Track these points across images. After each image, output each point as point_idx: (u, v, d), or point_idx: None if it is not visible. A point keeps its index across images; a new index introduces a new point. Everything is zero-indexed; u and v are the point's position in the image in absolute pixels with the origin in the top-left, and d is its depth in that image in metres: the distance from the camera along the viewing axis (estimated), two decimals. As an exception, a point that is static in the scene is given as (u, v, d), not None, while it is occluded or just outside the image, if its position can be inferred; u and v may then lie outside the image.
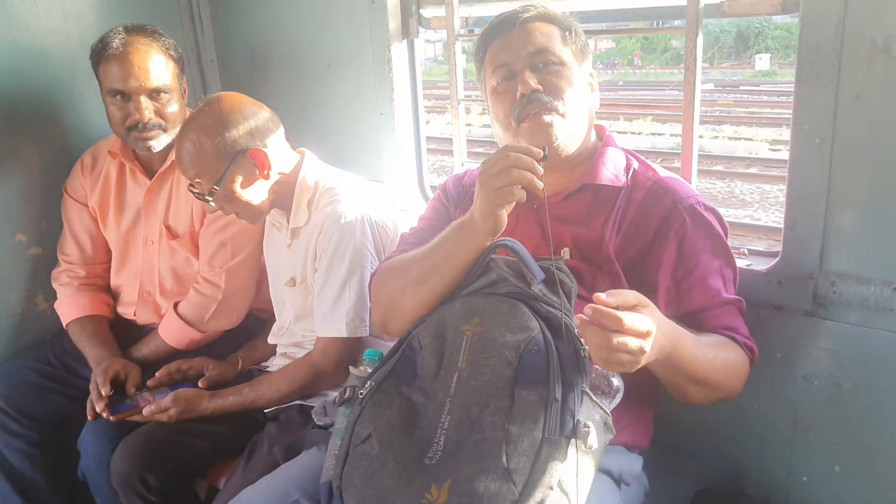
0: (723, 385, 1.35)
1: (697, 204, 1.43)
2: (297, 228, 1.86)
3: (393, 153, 2.24)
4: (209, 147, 1.71)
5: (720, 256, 1.42)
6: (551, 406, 1.12)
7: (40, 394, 2.10)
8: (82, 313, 2.17)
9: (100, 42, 1.96)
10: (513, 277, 1.31)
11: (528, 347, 1.18)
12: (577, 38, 1.49)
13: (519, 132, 1.44)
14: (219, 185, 1.73)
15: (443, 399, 1.20)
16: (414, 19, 2.14)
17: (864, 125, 1.41)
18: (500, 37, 1.49)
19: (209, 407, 1.85)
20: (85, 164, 2.19)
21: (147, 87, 1.94)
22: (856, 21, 1.37)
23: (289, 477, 1.45)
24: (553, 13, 1.49)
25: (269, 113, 1.81)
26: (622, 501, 1.41)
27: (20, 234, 2.22)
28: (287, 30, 2.40)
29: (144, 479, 1.79)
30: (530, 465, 1.08)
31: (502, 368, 1.17)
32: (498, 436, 1.11)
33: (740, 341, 1.39)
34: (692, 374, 1.28)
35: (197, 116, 1.75)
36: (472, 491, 1.07)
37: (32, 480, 2.13)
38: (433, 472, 1.13)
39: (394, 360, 1.31)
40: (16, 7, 2.11)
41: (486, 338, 1.22)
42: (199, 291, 2.06)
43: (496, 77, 1.49)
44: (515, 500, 1.06)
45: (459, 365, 1.22)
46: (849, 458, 1.59)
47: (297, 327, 1.97)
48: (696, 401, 1.36)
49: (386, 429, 1.21)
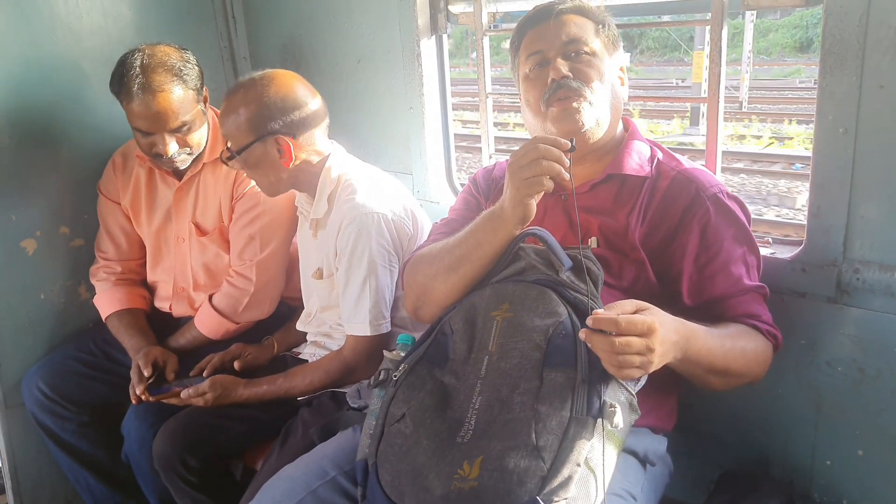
0: (744, 373, 1.38)
1: (721, 192, 1.46)
2: (317, 220, 1.89)
3: (422, 146, 2.28)
4: (244, 118, 1.76)
5: (743, 244, 1.45)
6: (579, 387, 1.16)
7: (83, 381, 2.18)
8: (120, 307, 2.23)
9: (119, 73, 1.93)
10: (541, 265, 1.35)
11: (557, 332, 1.22)
12: (609, 31, 1.54)
13: (548, 116, 1.49)
14: (240, 153, 1.78)
15: (473, 381, 1.25)
16: (442, 15, 2.18)
17: (888, 114, 1.42)
18: (536, 26, 1.54)
19: (244, 394, 1.90)
20: (116, 163, 2.24)
21: (169, 128, 1.95)
22: (880, 11, 1.38)
23: (326, 455, 1.50)
24: (587, 7, 1.54)
25: (317, 104, 1.84)
26: (647, 481, 1.44)
27: (64, 226, 2.30)
28: (318, 26, 2.45)
29: (185, 461, 1.85)
30: (558, 443, 1.12)
31: (531, 351, 1.22)
32: (527, 415, 1.16)
33: (762, 329, 1.41)
34: (711, 365, 1.32)
35: (248, 85, 1.79)
36: (502, 467, 1.12)
37: (94, 455, 2.23)
38: (465, 450, 1.18)
39: (426, 344, 1.36)
40: (59, 7, 2.18)
41: (516, 322, 1.26)
42: (233, 284, 2.11)
43: (529, 63, 1.53)
44: (544, 476, 1.10)
45: (490, 348, 1.26)
46: (872, 443, 1.60)
47: (323, 317, 2.01)
48: (720, 389, 1.40)
49: (419, 409, 1.26)
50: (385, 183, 1.93)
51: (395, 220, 1.81)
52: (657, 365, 1.17)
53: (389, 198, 1.86)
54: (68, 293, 2.34)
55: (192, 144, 2.02)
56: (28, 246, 2.22)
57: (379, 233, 1.78)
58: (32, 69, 2.15)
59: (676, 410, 1.57)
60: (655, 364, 1.16)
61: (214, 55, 2.62)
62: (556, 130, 1.48)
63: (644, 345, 1.13)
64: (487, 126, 2.21)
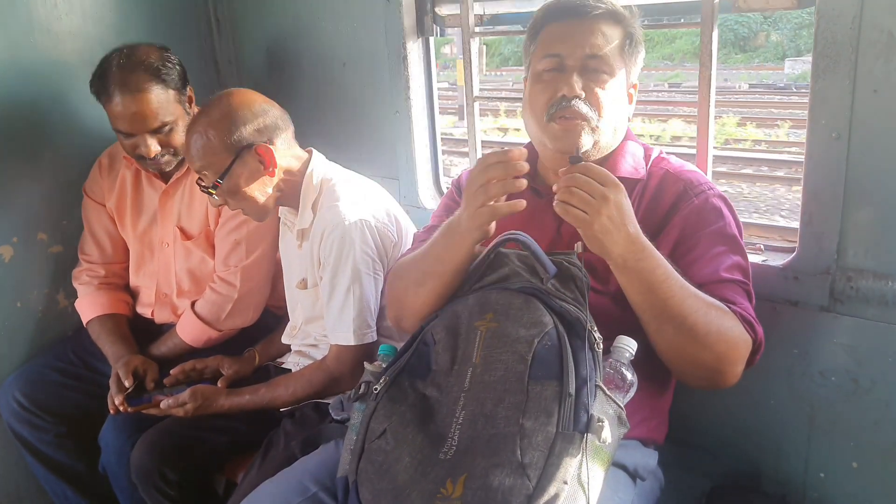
0: (705, 342, 1.27)
1: (710, 191, 1.43)
2: (303, 230, 1.86)
3: (408, 151, 2.25)
4: (216, 140, 1.71)
5: (725, 242, 1.40)
6: (565, 401, 1.12)
7: (61, 391, 2.14)
8: (102, 311, 2.19)
9: (98, 73, 1.92)
10: (525, 272, 1.31)
11: (542, 343, 1.18)
12: (635, 48, 1.48)
13: (548, 130, 1.44)
14: (223, 178, 1.73)
15: (457, 394, 1.21)
16: (429, 17, 2.15)
17: (882, 119, 1.40)
18: (563, 21, 1.46)
19: (225, 404, 1.87)
20: (102, 165, 2.21)
21: (149, 128, 1.92)
22: (873, 14, 1.36)
23: (307, 470, 1.46)
24: (622, 14, 1.45)
25: (280, 111, 1.81)
26: (637, 496, 1.40)
27: (42, 232, 2.26)
28: (303, 29, 2.42)
29: (163, 474, 1.82)
30: (544, 459, 1.09)
31: (516, 364, 1.18)
32: (512, 430, 1.12)
33: (737, 312, 1.33)
34: (667, 304, 1.25)
35: (207, 110, 1.75)
36: (486, 485, 1.08)
37: (71, 467, 2.19)
38: (448, 467, 1.14)
39: (407, 355, 1.32)
40: (38, 9, 2.14)
41: (500, 333, 1.22)
42: (216, 290, 2.08)
43: (545, 63, 1.45)
44: (530, 495, 1.06)
45: (474, 360, 1.22)
46: (866, 455, 1.58)
47: (308, 328, 1.98)
48: (678, 357, 1.31)
49: (400, 424, 1.22)
50: (368, 188, 1.90)
51: (378, 227, 1.78)
52: (603, 229, 1.19)
53: (372, 204, 1.83)
54: (46, 301, 2.30)
55: (175, 145, 1.99)
56: (4, 252, 2.18)
57: (363, 240, 1.74)
58: (9, 72, 2.11)
59: (667, 422, 1.54)
60: (600, 223, 1.18)
61: (198, 58, 2.59)
62: (552, 147, 1.45)
63: (601, 192, 1.18)
64: (475, 130, 2.18)
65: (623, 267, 1.24)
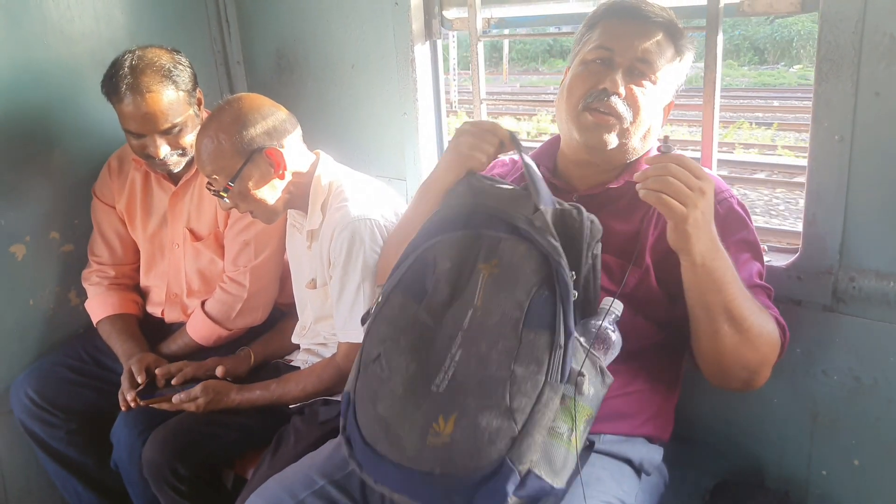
0: (756, 344, 1.30)
1: (732, 198, 1.45)
2: (312, 231, 1.88)
3: (416, 152, 2.27)
4: (227, 144, 1.73)
5: (750, 249, 1.42)
6: (556, 351, 1.14)
7: (73, 388, 2.15)
8: (112, 311, 2.21)
9: (109, 74, 1.93)
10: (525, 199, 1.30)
11: (539, 292, 1.19)
12: (682, 67, 1.49)
13: (579, 119, 1.44)
14: (234, 182, 1.75)
15: (454, 331, 1.22)
16: (437, 20, 2.17)
17: (884, 122, 1.42)
18: (623, 20, 1.47)
19: (236, 399, 1.89)
20: (112, 167, 2.23)
21: (159, 129, 1.94)
22: (875, 18, 1.38)
23: (314, 464, 1.48)
24: (679, 29, 1.47)
25: (287, 114, 1.83)
26: (642, 490, 1.43)
27: (54, 231, 2.28)
28: (312, 32, 2.44)
29: (175, 469, 1.83)
30: (531, 406, 1.12)
31: (512, 310, 1.19)
32: (503, 375, 1.14)
33: (773, 316, 1.36)
34: (730, 305, 1.26)
35: (217, 115, 1.77)
36: (475, 424, 1.12)
37: (82, 463, 2.20)
38: (440, 402, 1.17)
39: (401, 270, 1.31)
40: (50, 11, 2.17)
41: (501, 279, 1.22)
42: (225, 290, 2.10)
43: (595, 53, 1.45)
44: (514, 437, 1.10)
45: (475, 303, 1.23)
46: (868, 453, 1.60)
47: (318, 328, 1.99)
48: (727, 358, 1.32)
49: (395, 351, 1.24)
50: (375, 188, 1.92)
51: (387, 226, 1.80)
52: (695, 224, 1.19)
53: (380, 203, 1.85)
54: (58, 299, 2.32)
55: (184, 146, 2.00)
56: (17, 251, 2.20)
57: (372, 238, 1.76)
58: (23, 73, 2.13)
59: (673, 420, 1.56)
60: (695, 217, 1.18)
61: (208, 60, 2.61)
62: (579, 138, 1.45)
63: (699, 186, 1.18)
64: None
65: (700, 265, 1.24)
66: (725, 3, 1.63)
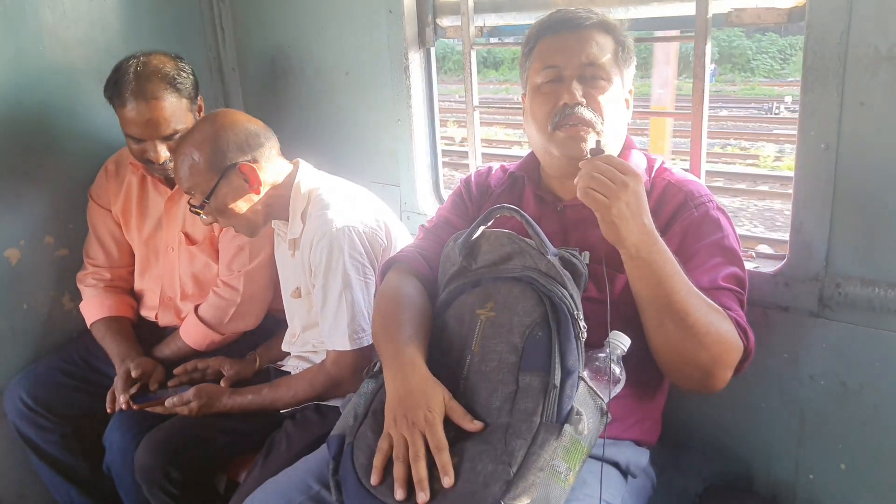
0: (704, 341, 1.28)
1: (710, 202, 1.46)
2: (294, 239, 1.88)
3: (409, 159, 2.28)
4: (201, 162, 1.75)
5: (723, 254, 1.41)
6: (550, 392, 1.16)
7: (66, 392, 2.16)
8: (107, 314, 2.22)
9: (113, 79, 1.95)
10: (531, 249, 1.35)
11: (533, 333, 1.22)
12: (627, 54, 1.52)
13: (553, 138, 1.47)
14: (209, 198, 1.77)
15: (456, 381, 1.26)
16: (430, 28, 2.19)
17: (869, 131, 1.44)
18: (556, 35, 1.50)
19: (228, 403, 1.89)
20: (109, 170, 2.24)
21: (161, 135, 1.96)
22: (860, 30, 1.40)
23: (309, 469, 1.48)
24: (613, 23, 1.50)
25: (261, 127, 1.84)
26: (629, 493, 1.44)
27: (49, 236, 2.29)
28: (306, 38, 2.46)
29: (167, 473, 1.84)
30: (526, 448, 1.13)
31: (508, 354, 1.22)
32: (503, 421, 1.17)
33: (732, 318, 1.35)
34: (672, 299, 1.26)
35: (191, 132, 1.79)
36: (472, 468, 1.14)
37: (76, 467, 2.20)
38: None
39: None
40: (47, 17, 2.18)
41: (497, 323, 1.27)
42: (219, 294, 2.11)
43: (543, 76, 1.49)
44: (509, 481, 1.11)
45: (473, 348, 1.27)
46: (855, 457, 1.61)
47: (306, 336, 2.00)
48: (675, 355, 1.33)
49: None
50: (356, 195, 1.92)
51: (367, 232, 1.80)
52: (619, 215, 1.22)
53: (360, 210, 1.85)
54: (52, 303, 2.33)
55: None
56: (11, 256, 2.21)
57: (351, 246, 1.76)
58: (19, 78, 2.15)
59: (661, 424, 1.57)
60: (618, 208, 1.22)
61: (202, 66, 2.62)
62: (559, 154, 1.48)
63: (622, 179, 1.23)
64: (475, 140, 2.21)
65: (636, 257, 1.26)
66: (714, 13, 1.65)
